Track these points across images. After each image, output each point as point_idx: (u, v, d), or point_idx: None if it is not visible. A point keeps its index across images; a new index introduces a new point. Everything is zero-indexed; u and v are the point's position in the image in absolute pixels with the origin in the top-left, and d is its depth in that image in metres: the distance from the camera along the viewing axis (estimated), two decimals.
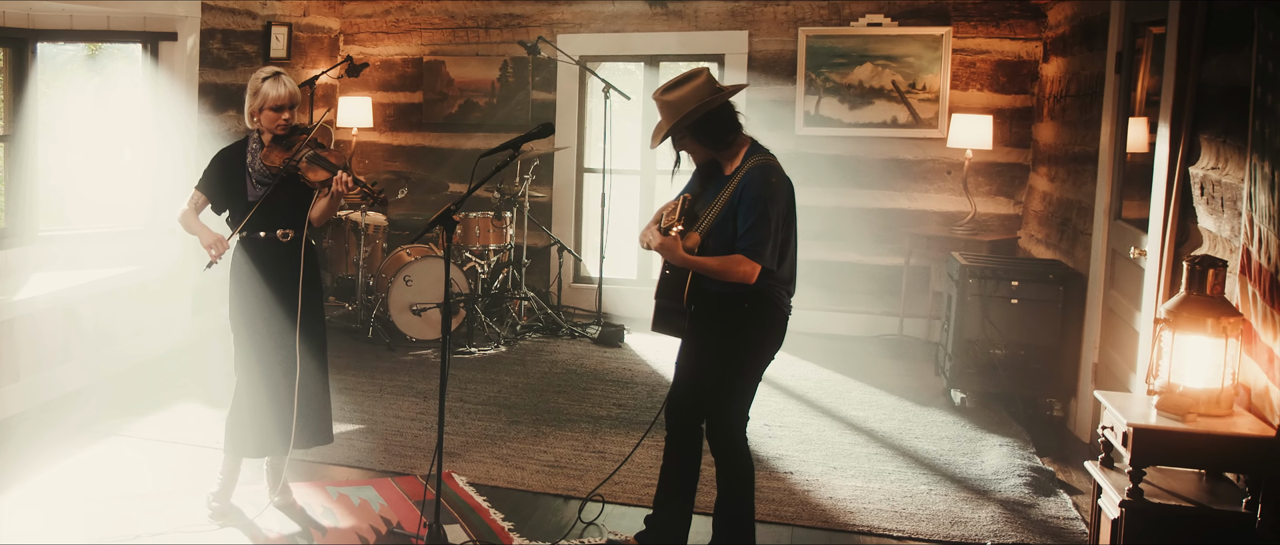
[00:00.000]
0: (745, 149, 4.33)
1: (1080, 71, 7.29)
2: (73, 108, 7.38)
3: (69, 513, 4.96)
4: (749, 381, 4.42)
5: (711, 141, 4.29)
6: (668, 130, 4.26)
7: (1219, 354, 3.83)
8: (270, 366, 4.80)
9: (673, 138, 4.30)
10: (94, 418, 6.25)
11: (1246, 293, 4.09)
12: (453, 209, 4.42)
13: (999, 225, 8.64)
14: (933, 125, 8.70)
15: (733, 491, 4.48)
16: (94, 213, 7.57)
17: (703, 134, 4.27)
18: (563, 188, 9.51)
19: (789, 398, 7.11)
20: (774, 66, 8.95)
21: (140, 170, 7.64)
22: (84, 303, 6.83)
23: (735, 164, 4.31)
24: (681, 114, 4.21)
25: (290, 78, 4.79)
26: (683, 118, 4.21)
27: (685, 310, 4.36)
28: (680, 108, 4.21)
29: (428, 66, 9.71)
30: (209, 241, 4.80)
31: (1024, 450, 6.17)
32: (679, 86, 4.24)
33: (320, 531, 4.84)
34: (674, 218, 4.31)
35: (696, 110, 4.21)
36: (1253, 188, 4.08)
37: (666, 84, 4.28)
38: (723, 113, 4.27)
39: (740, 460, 4.45)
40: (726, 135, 4.29)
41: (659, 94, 4.28)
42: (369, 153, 9.91)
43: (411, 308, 8.01)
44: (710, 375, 4.40)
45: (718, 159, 4.37)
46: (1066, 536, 5.02)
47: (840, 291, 9.00)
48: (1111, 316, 6.23)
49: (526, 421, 6.47)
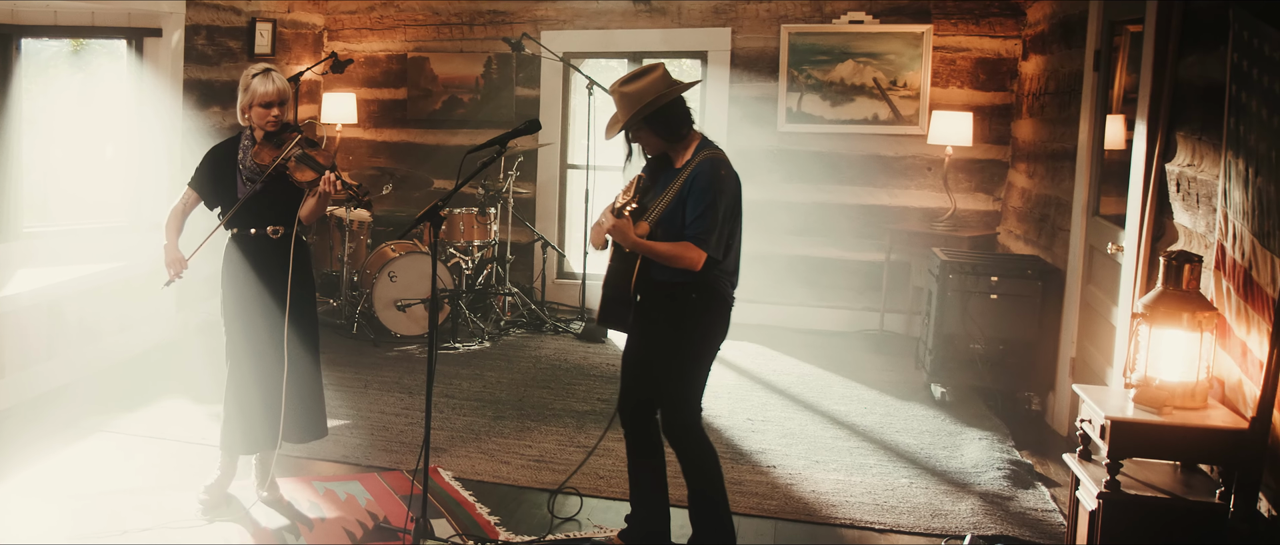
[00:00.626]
0: (696, 143, 4.43)
1: (1059, 69, 7.37)
2: (57, 104, 7.37)
3: (55, 509, 4.97)
4: (699, 370, 4.48)
5: (666, 133, 4.37)
6: (625, 121, 4.34)
7: (1195, 348, 3.90)
8: (262, 363, 4.83)
9: (629, 128, 4.38)
10: (79, 414, 6.27)
11: (1221, 287, 4.16)
12: (440, 205, 4.46)
13: (978, 221, 8.72)
14: (913, 122, 8.77)
15: (700, 487, 4.51)
16: (78, 209, 7.57)
17: (659, 125, 4.35)
18: (546, 184, 9.55)
19: (772, 393, 7.18)
20: (757, 64, 9.01)
21: (124, 166, 7.64)
22: (69, 299, 6.84)
23: (686, 157, 4.40)
24: (640, 105, 4.29)
25: (280, 75, 4.81)
26: (642, 108, 4.30)
27: (630, 300, 4.42)
28: (638, 99, 4.30)
29: (412, 63, 9.73)
30: (169, 260, 4.91)
31: (1003, 443, 6.25)
32: (636, 79, 4.34)
33: (308, 526, 4.87)
34: (629, 196, 4.39)
35: (654, 102, 4.30)
36: (1228, 184, 4.15)
37: (624, 77, 4.39)
38: (677, 106, 4.37)
39: (698, 448, 4.49)
40: (680, 127, 4.38)
41: (617, 86, 4.37)
42: (353, 149, 9.93)
43: (396, 303, 8.04)
44: (659, 366, 4.45)
45: (669, 152, 4.45)
46: (1044, 528, 5.09)
47: (822, 287, 9.07)
48: (1089, 311, 6.31)
49: (511, 416, 6.52)
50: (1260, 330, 3.77)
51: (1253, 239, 3.90)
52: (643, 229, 4.32)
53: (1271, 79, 3.82)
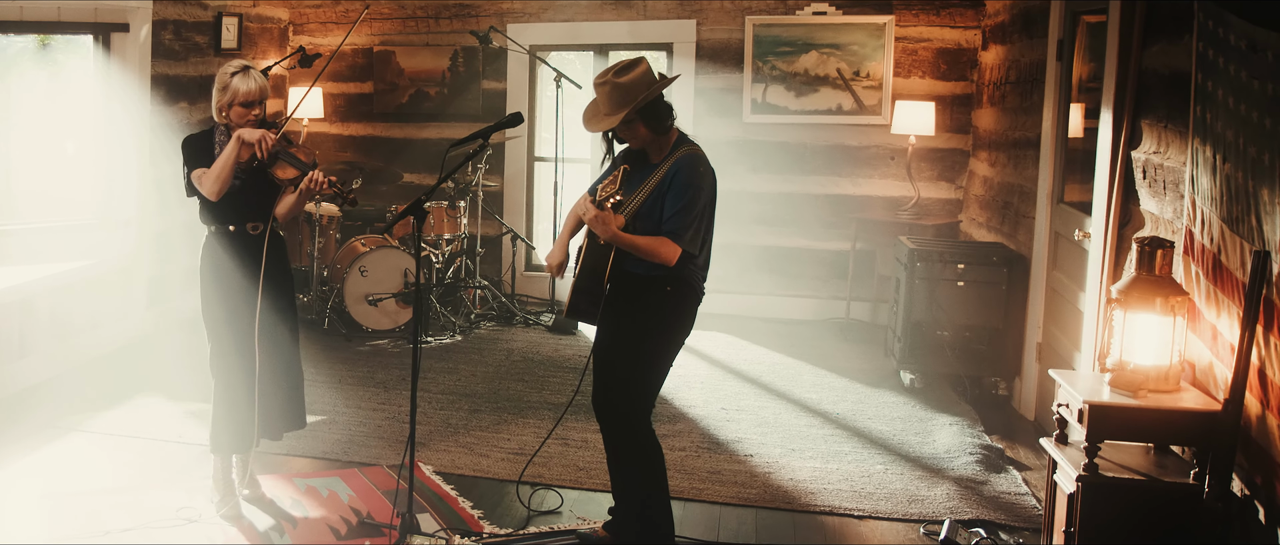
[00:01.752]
0: (675, 137, 4.44)
1: (1020, 59, 7.48)
2: (24, 101, 7.30)
3: (32, 509, 4.94)
4: (659, 365, 4.48)
5: (656, 125, 4.36)
6: (627, 112, 4.31)
7: (1168, 332, 4.00)
8: (248, 361, 4.82)
9: (628, 120, 4.35)
10: (54, 413, 6.22)
11: (1190, 272, 4.27)
12: (424, 199, 4.48)
13: (940, 209, 8.83)
14: (877, 112, 8.87)
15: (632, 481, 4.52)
16: (47, 206, 7.51)
17: (651, 118, 4.35)
18: (514, 177, 9.56)
19: (743, 382, 7.25)
20: (721, 55, 9.07)
21: (92, 163, 7.59)
22: (40, 297, 6.80)
23: (665, 151, 4.42)
24: (636, 97, 4.28)
25: (258, 72, 4.77)
26: (640, 100, 4.29)
27: (603, 292, 4.43)
28: (634, 91, 4.29)
29: (378, 57, 9.71)
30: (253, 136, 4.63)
31: (973, 428, 6.35)
32: (628, 71, 4.31)
33: (291, 524, 4.87)
34: (612, 188, 4.39)
35: (648, 94, 4.30)
36: (1195, 171, 4.26)
37: (615, 68, 4.35)
38: (664, 100, 4.38)
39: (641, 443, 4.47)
40: (666, 120, 4.38)
41: (609, 77, 4.32)
42: (320, 143, 9.89)
43: (367, 298, 8.03)
44: (620, 354, 4.46)
45: (647, 148, 4.46)
46: (1018, 512, 5.19)
47: (789, 276, 9.15)
48: (1055, 297, 6.42)
49: (488, 410, 6.54)
50: (1230, 314, 3.88)
51: (1221, 224, 4.00)
52: (619, 221, 4.33)
53: (1238, 67, 3.92)
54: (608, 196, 4.29)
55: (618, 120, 4.32)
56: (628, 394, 4.45)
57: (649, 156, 4.46)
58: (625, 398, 4.46)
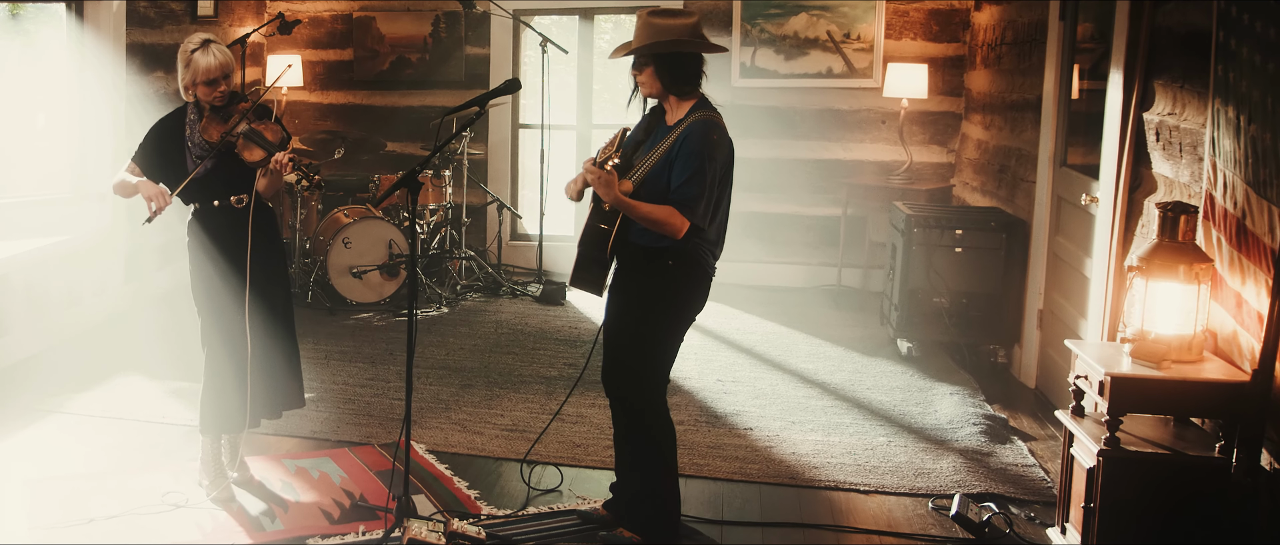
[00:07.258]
0: (693, 103, 4.25)
1: (1016, 19, 7.33)
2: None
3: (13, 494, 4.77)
4: (668, 341, 4.32)
5: (669, 79, 4.19)
6: (637, 48, 4.16)
7: (1191, 300, 3.87)
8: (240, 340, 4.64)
9: (637, 58, 4.20)
10: (33, 394, 6.03)
11: (1211, 238, 4.14)
12: (417, 170, 4.32)
13: (933, 174, 8.70)
14: (868, 75, 8.72)
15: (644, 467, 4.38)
16: (19, 180, 7.28)
17: (664, 68, 4.18)
18: (499, 145, 9.37)
19: (738, 352, 7.11)
20: (710, 18, 8.88)
21: (66, 136, 7.36)
22: (15, 273, 6.59)
23: (679, 115, 4.23)
24: (659, 39, 4.13)
25: (220, 45, 4.55)
26: (658, 43, 4.13)
27: (607, 262, 4.27)
28: (660, 33, 4.13)
29: (357, 23, 9.47)
30: (151, 193, 4.51)
31: (974, 398, 6.24)
32: (668, 16, 4.17)
33: (282, 508, 4.71)
34: (611, 150, 4.22)
35: (673, 43, 4.13)
36: (1216, 133, 4.12)
37: (657, 9, 4.20)
38: (692, 61, 4.21)
39: (651, 423, 4.34)
40: (685, 83, 4.21)
41: (648, 14, 4.17)
42: (299, 112, 9.66)
43: (351, 270, 7.85)
44: (626, 331, 4.32)
45: (664, 105, 4.29)
46: (1027, 484, 5.08)
47: (779, 243, 9.02)
48: (1058, 263, 6.29)
49: (479, 385, 6.38)
50: (1258, 281, 3.75)
51: (1246, 188, 3.87)
52: (626, 187, 4.15)
53: (1265, 23, 3.78)
54: (607, 157, 4.13)
55: (624, 52, 4.21)
56: (634, 374, 4.32)
57: (665, 118, 4.29)
58: (632, 378, 4.32)
